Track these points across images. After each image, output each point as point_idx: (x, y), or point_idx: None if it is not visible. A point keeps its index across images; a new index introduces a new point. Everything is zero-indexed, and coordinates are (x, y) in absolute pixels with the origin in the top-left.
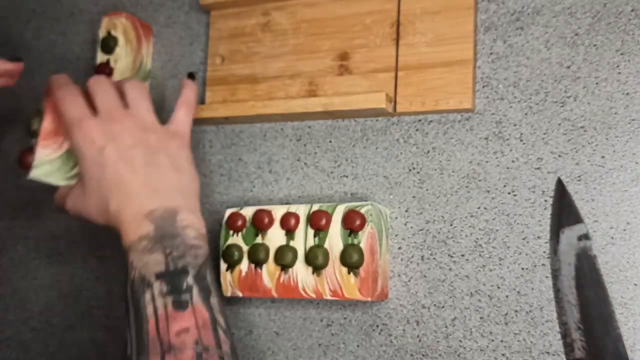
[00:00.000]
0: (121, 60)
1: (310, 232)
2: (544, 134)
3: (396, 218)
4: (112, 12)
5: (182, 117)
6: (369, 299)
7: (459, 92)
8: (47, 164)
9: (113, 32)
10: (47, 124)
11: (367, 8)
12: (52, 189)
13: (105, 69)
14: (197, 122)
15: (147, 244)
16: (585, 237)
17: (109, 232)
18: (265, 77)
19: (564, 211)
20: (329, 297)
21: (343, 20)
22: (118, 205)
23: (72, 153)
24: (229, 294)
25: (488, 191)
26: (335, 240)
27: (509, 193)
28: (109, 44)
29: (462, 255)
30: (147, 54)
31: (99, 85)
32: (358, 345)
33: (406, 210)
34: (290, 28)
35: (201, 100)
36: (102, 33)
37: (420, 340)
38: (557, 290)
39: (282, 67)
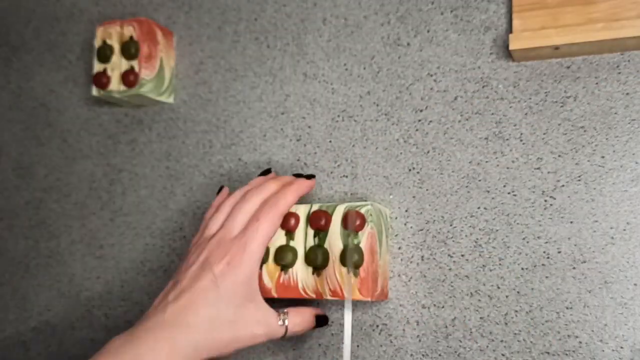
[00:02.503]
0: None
1: (310, 232)
2: (544, 134)
3: (396, 218)
4: (106, 22)
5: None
6: (369, 299)
7: None
8: (148, 83)
9: (108, 41)
10: (144, 50)
11: None
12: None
13: (103, 78)
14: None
15: None
16: None
17: (108, 231)
18: None
19: None
20: (329, 297)
21: None
22: None
23: (163, 72)
24: None
25: (488, 191)
26: (335, 240)
27: (509, 193)
28: (105, 53)
29: (462, 255)
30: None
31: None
32: (358, 345)
33: (406, 210)
34: None
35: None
36: (97, 43)
37: (420, 340)
38: None
39: None
